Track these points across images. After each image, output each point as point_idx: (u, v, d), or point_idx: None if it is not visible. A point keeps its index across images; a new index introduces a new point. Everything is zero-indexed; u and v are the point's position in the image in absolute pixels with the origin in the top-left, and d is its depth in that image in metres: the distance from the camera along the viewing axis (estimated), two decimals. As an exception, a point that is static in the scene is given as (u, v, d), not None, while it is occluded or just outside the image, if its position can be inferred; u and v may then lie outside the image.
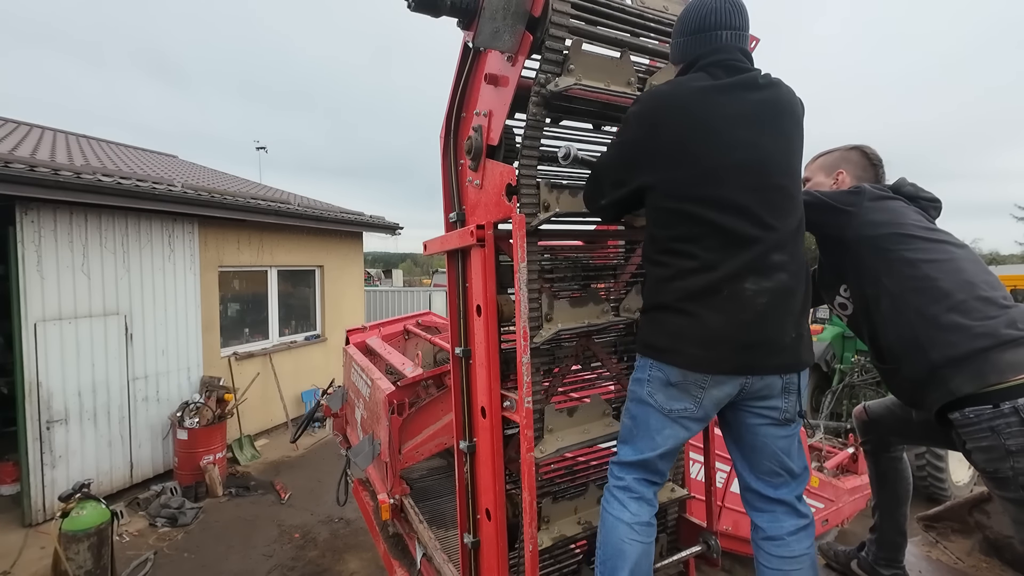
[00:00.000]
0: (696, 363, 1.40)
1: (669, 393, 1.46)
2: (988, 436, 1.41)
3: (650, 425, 1.50)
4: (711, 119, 1.41)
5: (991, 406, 1.39)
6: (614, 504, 1.54)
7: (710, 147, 1.40)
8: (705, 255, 1.39)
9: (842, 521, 4.51)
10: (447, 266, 2.00)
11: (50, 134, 9.22)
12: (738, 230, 1.38)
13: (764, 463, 1.53)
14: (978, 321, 1.45)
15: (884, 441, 1.99)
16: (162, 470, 6.61)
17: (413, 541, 2.88)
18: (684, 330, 1.41)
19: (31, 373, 5.33)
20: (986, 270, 1.59)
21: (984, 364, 1.41)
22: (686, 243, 1.42)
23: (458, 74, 1.86)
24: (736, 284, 1.37)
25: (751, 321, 1.37)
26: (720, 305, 1.37)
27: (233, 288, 8.14)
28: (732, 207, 1.38)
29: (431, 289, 17.59)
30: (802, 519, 1.53)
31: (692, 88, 1.45)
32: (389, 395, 2.97)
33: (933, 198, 1.78)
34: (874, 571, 2.05)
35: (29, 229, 5.28)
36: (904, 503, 2.01)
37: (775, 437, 1.51)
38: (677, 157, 1.42)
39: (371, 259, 49.68)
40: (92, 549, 4.11)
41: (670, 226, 1.45)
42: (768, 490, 1.53)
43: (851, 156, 1.95)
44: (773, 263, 1.39)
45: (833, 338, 7.89)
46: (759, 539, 1.55)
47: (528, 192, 1.63)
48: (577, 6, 1.56)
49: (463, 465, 1.92)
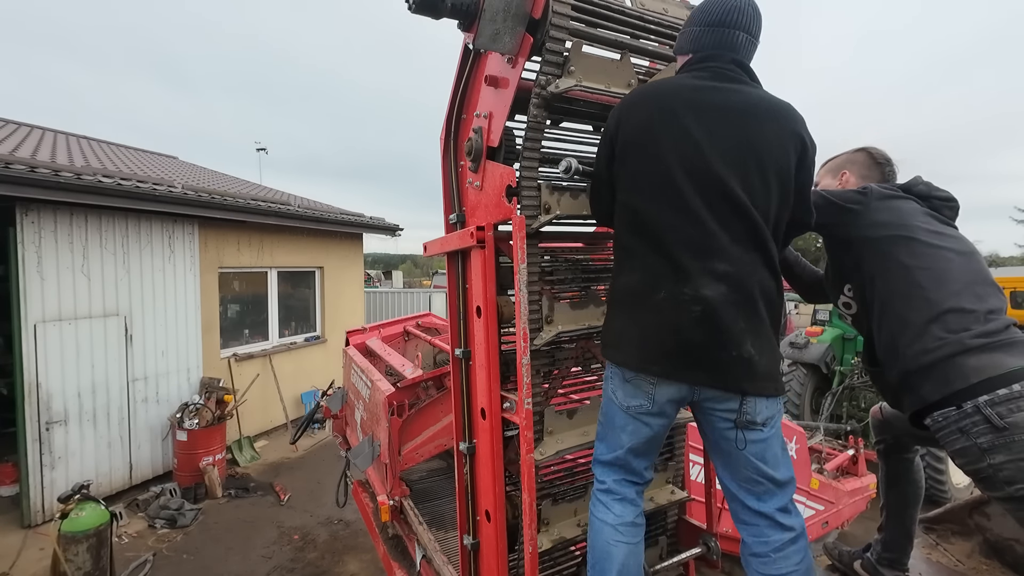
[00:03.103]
0: (631, 361, 1.44)
1: (626, 390, 1.47)
2: (959, 438, 1.41)
3: (615, 422, 1.52)
4: (677, 114, 1.41)
5: (955, 408, 1.40)
6: (599, 507, 1.55)
7: (670, 140, 1.40)
8: (645, 257, 1.43)
9: (842, 523, 4.51)
10: (447, 267, 2.00)
11: (51, 135, 9.23)
12: (682, 234, 1.38)
13: (741, 470, 1.46)
14: (953, 333, 1.45)
15: (899, 441, 1.97)
16: (161, 471, 6.60)
17: (413, 543, 2.88)
18: (626, 328, 1.45)
19: (31, 374, 5.33)
20: (984, 280, 1.55)
21: (950, 370, 1.42)
22: (633, 238, 1.46)
23: (458, 76, 1.87)
24: (673, 287, 1.37)
25: (681, 327, 1.36)
26: (656, 306, 1.38)
27: (233, 289, 8.14)
28: (682, 209, 1.38)
29: (431, 290, 17.58)
30: (787, 532, 1.44)
31: (670, 84, 1.48)
32: (389, 396, 2.96)
33: (947, 197, 1.73)
34: (877, 572, 2.04)
35: (29, 230, 5.28)
36: (913, 506, 1.99)
37: (748, 442, 1.43)
38: (631, 150, 1.45)
39: (371, 260, 49.70)
40: (91, 550, 4.10)
41: (622, 220, 1.50)
42: (751, 500, 1.46)
43: (856, 157, 1.95)
44: (715, 272, 1.36)
45: (833, 340, 7.88)
46: (746, 554, 1.49)
47: (529, 194, 1.63)
48: (577, 8, 1.56)
49: (463, 467, 1.92)
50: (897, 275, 1.58)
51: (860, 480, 4.85)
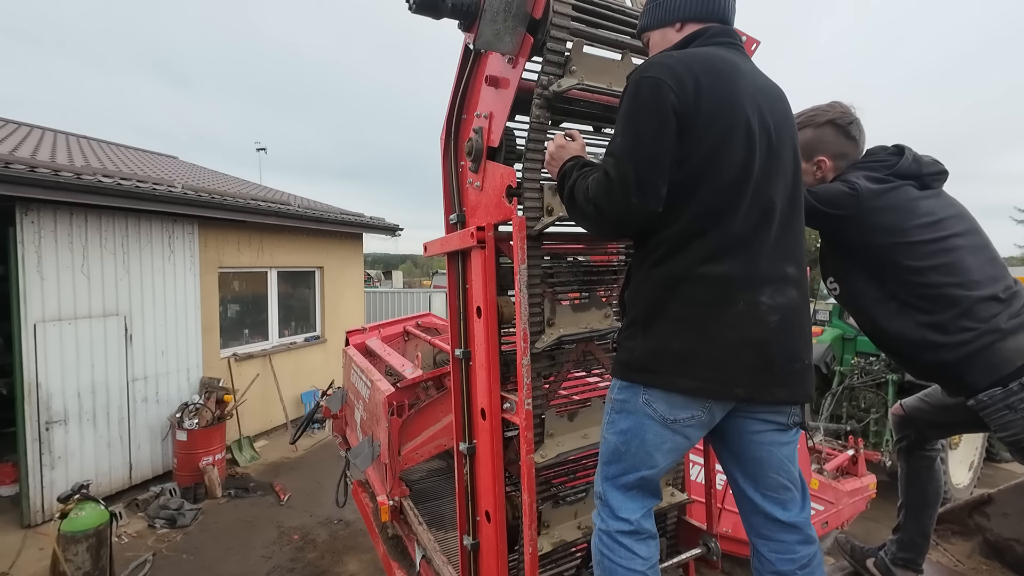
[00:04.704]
0: (708, 388, 1.26)
1: (673, 402, 1.28)
2: (1006, 413, 1.48)
3: (647, 440, 1.31)
4: (748, 92, 1.30)
5: (1001, 388, 1.47)
6: (621, 553, 1.32)
7: (751, 121, 1.28)
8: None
9: (842, 524, 4.51)
10: (447, 268, 2.00)
11: (51, 135, 9.22)
12: (760, 233, 1.28)
13: (771, 476, 1.35)
14: (984, 322, 1.50)
15: (921, 436, 1.96)
16: (161, 471, 6.60)
17: (412, 543, 2.87)
18: (693, 349, 1.27)
19: (30, 374, 5.33)
20: (989, 258, 1.61)
21: (993, 356, 1.48)
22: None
23: (459, 76, 1.87)
24: (750, 296, 1.25)
25: (761, 341, 1.25)
26: (734, 319, 1.25)
27: (233, 289, 8.13)
28: (759, 204, 1.27)
29: (431, 290, 17.57)
30: (811, 546, 1.36)
31: (721, 56, 1.33)
32: (389, 396, 2.96)
33: (937, 171, 1.68)
34: (890, 572, 2.01)
35: (29, 230, 5.28)
36: (932, 506, 1.98)
37: (780, 444, 1.36)
38: (716, 126, 1.28)
39: (371, 260, 49.69)
40: (91, 550, 4.10)
41: (678, 216, 1.30)
42: (778, 511, 1.35)
43: (826, 135, 1.75)
44: (787, 276, 1.30)
45: (833, 340, 7.87)
46: (765, 572, 1.38)
47: (531, 195, 1.63)
48: (578, 8, 1.56)
49: (463, 467, 1.92)
50: (911, 279, 1.59)
51: (860, 480, 4.85)
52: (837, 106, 1.76)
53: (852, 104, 1.77)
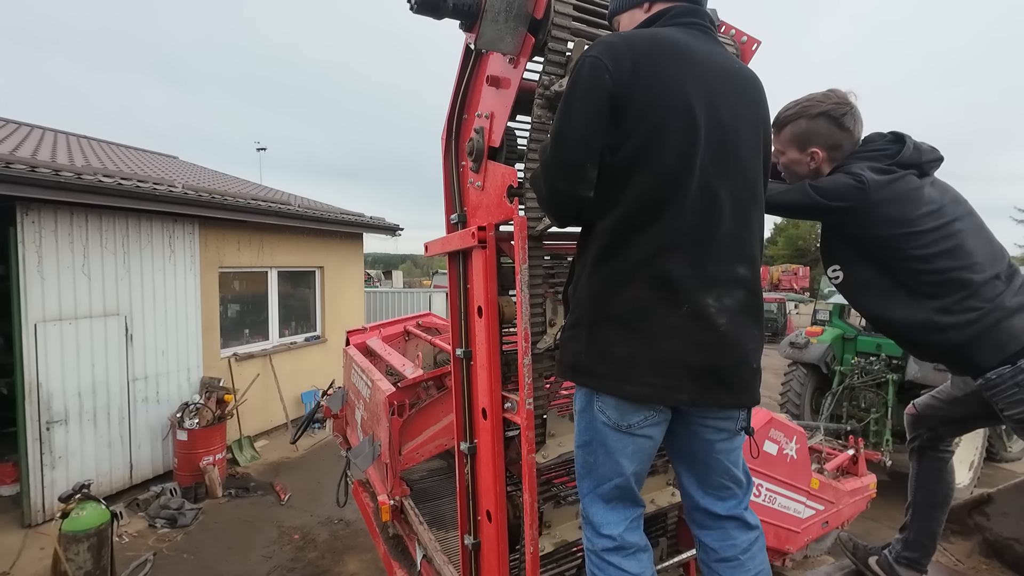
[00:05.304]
0: (654, 395, 1.24)
1: (622, 408, 1.26)
2: (1016, 391, 1.50)
3: (608, 446, 1.29)
4: (702, 78, 1.23)
5: (1010, 366, 1.50)
6: (609, 571, 1.30)
7: (700, 106, 1.21)
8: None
9: (842, 523, 4.51)
10: (448, 267, 2.00)
11: (51, 135, 9.22)
12: (706, 230, 1.23)
13: (714, 478, 1.37)
14: (989, 302, 1.54)
15: (935, 434, 1.96)
16: (162, 471, 6.60)
17: (413, 542, 2.88)
18: (636, 354, 1.23)
19: (31, 374, 5.33)
20: (987, 239, 1.65)
21: (1000, 336, 1.52)
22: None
23: (460, 76, 1.87)
24: (696, 298, 1.21)
25: (707, 345, 1.22)
26: (678, 323, 1.21)
27: (233, 289, 8.13)
28: (705, 198, 1.21)
29: (431, 290, 17.57)
30: (752, 531, 1.39)
31: (672, 37, 1.26)
32: (389, 396, 2.96)
33: (935, 158, 1.69)
34: (893, 571, 2.01)
35: (30, 229, 5.28)
36: (941, 507, 1.97)
37: (727, 451, 1.36)
38: (652, 111, 1.22)
39: (371, 260, 49.71)
40: (92, 550, 4.10)
41: (617, 209, 1.25)
42: (717, 505, 1.38)
43: (819, 126, 1.69)
44: (737, 276, 1.26)
45: (833, 340, 7.87)
46: (711, 561, 1.39)
47: (533, 196, 1.63)
48: (579, 8, 1.57)
49: (464, 466, 1.92)
50: (919, 267, 1.61)
51: (860, 480, 4.85)
52: (832, 96, 1.71)
53: (850, 91, 1.73)
